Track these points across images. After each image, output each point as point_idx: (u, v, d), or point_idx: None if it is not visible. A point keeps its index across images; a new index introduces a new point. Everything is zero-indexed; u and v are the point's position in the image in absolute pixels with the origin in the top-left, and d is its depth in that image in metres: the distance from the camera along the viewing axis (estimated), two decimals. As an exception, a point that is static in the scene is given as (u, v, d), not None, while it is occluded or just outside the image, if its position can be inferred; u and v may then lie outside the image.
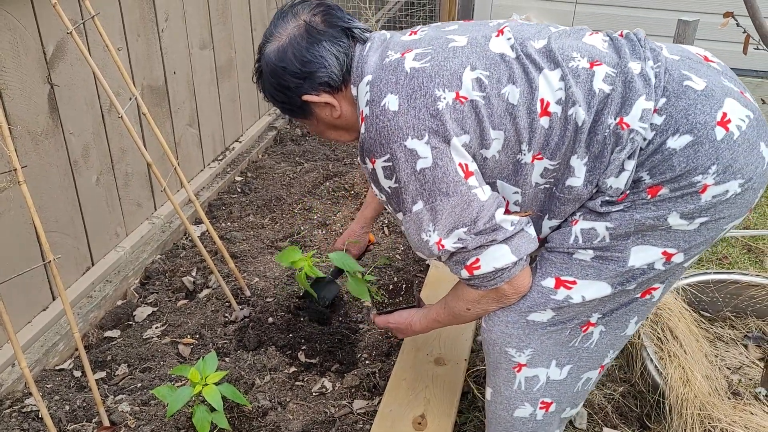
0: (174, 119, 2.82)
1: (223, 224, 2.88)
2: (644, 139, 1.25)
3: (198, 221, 2.85)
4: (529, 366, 1.44)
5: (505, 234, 1.32)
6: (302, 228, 2.82)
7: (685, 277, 2.35)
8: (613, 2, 4.06)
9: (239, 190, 3.16)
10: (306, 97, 1.42)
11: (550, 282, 1.38)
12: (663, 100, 1.26)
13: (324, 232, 2.81)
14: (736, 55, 3.54)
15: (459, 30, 1.41)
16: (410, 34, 1.45)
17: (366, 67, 1.38)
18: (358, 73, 1.40)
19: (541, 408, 1.48)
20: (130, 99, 2.11)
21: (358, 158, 1.40)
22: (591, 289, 1.35)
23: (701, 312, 2.34)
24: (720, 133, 1.23)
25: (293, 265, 1.86)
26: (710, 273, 2.39)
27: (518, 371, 1.45)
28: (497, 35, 1.36)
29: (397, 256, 2.63)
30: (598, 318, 1.41)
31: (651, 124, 1.25)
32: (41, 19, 1.99)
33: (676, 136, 1.24)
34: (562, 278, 1.36)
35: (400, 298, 1.87)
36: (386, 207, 1.46)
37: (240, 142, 3.43)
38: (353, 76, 1.41)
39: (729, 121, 1.24)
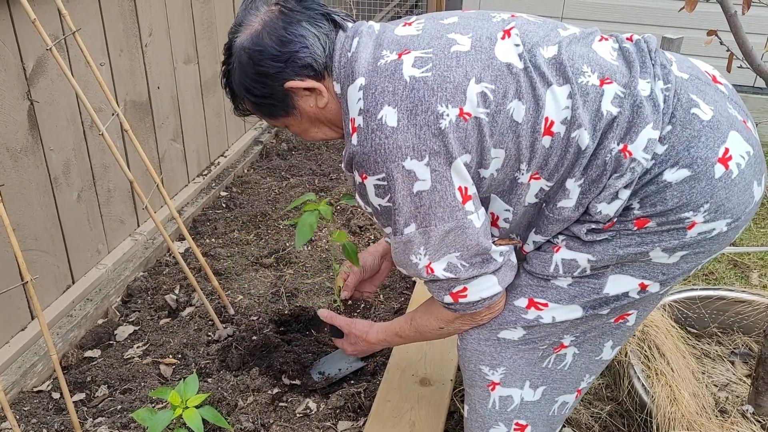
0: (158, 134, 2.79)
1: (207, 240, 2.84)
2: (643, 168, 1.21)
3: (182, 237, 2.82)
4: (503, 385, 1.43)
5: (495, 265, 1.30)
6: (288, 244, 2.79)
7: (672, 294, 2.34)
8: (600, 18, 4.08)
9: (224, 205, 3.13)
10: (290, 84, 1.29)
11: (522, 302, 1.37)
12: (668, 128, 1.21)
13: (309, 248, 2.78)
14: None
15: (460, 25, 1.28)
16: (404, 26, 1.32)
17: (357, 67, 1.25)
18: (345, 72, 1.27)
19: (515, 430, 1.46)
20: (113, 115, 2.08)
21: (343, 165, 1.30)
22: (562, 311, 1.34)
23: (688, 328, 2.33)
24: (719, 170, 1.20)
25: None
26: (697, 289, 2.38)
27: (492, 390, 1.44)
28: (503, 37, 1.25)
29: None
30: (571, 340, 1.39)
31: (653, 153, 1.20)
32: (21, 34, 1.97)
33: (674, 169, 1.20)
34: (535, 300, 1.35)
35: (356, 314, 1.83)
36: (372, 218, 1.39)
37: (225, 157, 3.40)
38: (337, 70, 1.29)
39: (730, 158, 1.20)
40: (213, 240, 2.85)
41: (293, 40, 1.26)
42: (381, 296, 2.48)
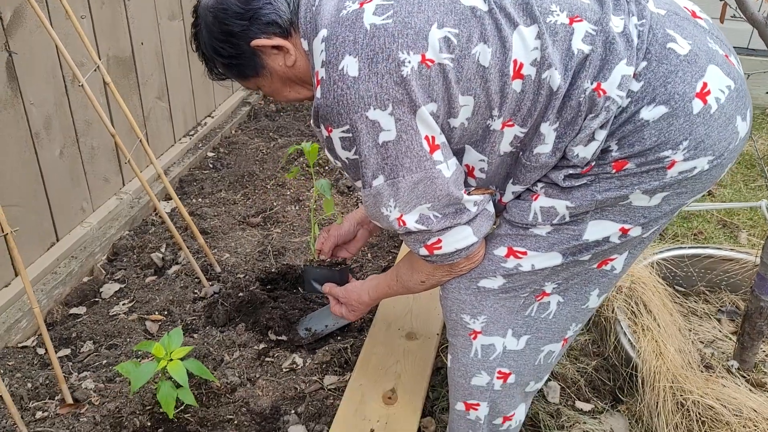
0: (142, 92, 2.74)
1: (194, 200, 2.81)
2: (619, 107, 1.19)
3: (167, 197, 2.79)
4: (485, 334, 1.42)
5: (469, 216, 1.29)
6: (275, 204, 2.77)
7: (660, 252, 2.34)
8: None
9: (211, 165, 3.10)
10: (256, 42, 1.27)
11: (501, 251, 1.35)
12: (644, 64, 1.18)
13: (297, 208, 2.76)
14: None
15: None
16: None
17: (320, 20, 1.23)
18: (311, 27, 1.26)
19: (498, 378, 1.46)
20: (94, 69, 2.03)
21: (311, 121, 1.29)
22: (541, 259, 1.33)
23: (676, 287, 2.34)
24: (697, 106, 1.17)
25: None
26: (685, 248, 2.38)
27: (474, 338, 1.43)
28: None
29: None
30: (553, 288, 1.38)
31: (628, 90, 1.18)
32: (-3, -18, 1.91)
33: (651, 106, 1.17)
34: (514, 248, 1.34)
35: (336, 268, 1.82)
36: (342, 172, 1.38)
37: (212, 117, 3.35)
38: (302, 26, 1.28)
39: (708, 92, 1.17)
40: (199, 200, 2.82)
41: None
42: (369, 255, 2.47)
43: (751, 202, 2.42)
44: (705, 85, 1.18)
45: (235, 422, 1.76)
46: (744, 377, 1.97)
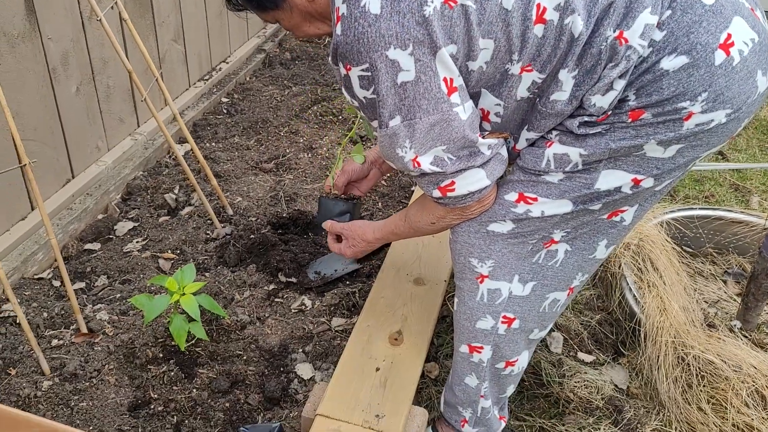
0: (158, 32, 2.73)
1: (207, 144, 2.83)
2: (639, 57, 1.18)
3: (182, 139, 2.80)
4: (491, 278, 1.44)
5: (483, 159, 1.29)
6: (288, 151, 2.78)
7: (670, 212, 2.35)
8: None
9: (225, 111, 3.10)
10: None
11: (512, 196, 1.37)
12: (668, 13, 1.17)
13: (310, 155, 2.77)
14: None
15: None
16: None
17: None
18: None
19: (503, 323, 1.48)
20: (112, 8, 2.03)
21: (329, 58, 1.29)
22: (551, 205, 1.34)
23: (684, 247, 2.35)
24: (719, 57, 1.16)
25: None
26: (695, 208, 2.38)
27: (481, 282, 1.45)
28: None
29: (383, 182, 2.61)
30: (562, 236, 1.39)
31: (650, 40, 1.17)
32: None
33: (672, 56, 1.16)
34: (525, 194, 1.35)
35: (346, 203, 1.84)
36: (358, 112, 1.38)
37: (227, 63, 3.34)
38: None
39: (732, 44, 1.16)
40: (213, 144, 2.83)
41: None
42: (380, 203, 2.48)
43: (764, 163, 2.40)
44: (729, 36, 1.16)
45: (245, 358, 1.81)
46: (746, 337, 1.99)
